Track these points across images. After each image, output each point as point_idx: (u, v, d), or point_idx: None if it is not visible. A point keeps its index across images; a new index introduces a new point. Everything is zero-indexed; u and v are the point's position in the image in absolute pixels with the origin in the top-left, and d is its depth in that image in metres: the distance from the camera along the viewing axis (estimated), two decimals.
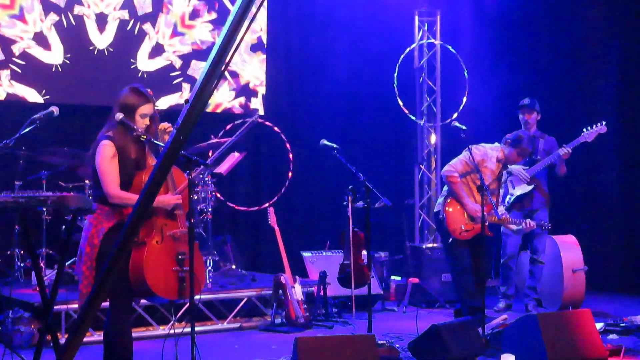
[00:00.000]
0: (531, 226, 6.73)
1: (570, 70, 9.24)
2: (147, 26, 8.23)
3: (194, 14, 8.53)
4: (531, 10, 9.37)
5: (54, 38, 7.78)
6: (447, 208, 6.53)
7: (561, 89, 9.24)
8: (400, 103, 9.24)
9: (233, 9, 2.54)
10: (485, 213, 6.01)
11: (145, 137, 4.24)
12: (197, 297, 4.28)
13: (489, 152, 6.61)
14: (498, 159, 6.64)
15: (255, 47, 8.95)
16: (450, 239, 6.49)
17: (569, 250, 7.41)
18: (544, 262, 7.37)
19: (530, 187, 7.29)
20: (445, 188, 6.72)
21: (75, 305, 5.39)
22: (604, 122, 7.22)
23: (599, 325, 5.84)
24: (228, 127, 8.41)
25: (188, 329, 4.16)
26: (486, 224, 6.09)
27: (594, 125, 7.21)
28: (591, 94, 9.13)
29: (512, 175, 7.29)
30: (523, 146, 6.66)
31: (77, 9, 7.89)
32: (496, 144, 6.80)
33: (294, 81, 9.38)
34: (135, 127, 4.22)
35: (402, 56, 9.29)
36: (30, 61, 7.68)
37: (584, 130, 7.23)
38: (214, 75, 2.57)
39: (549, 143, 7.49)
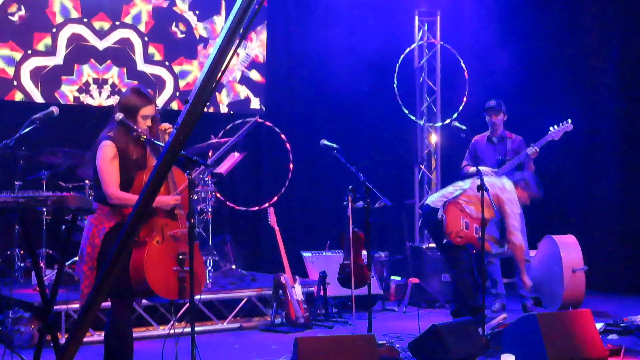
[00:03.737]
0: (509, 253, 6.72)
1: (570, 71, 9.24)
2: None
3: None
4: (531, 10, 9.38)
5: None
6: (447, 210, 6.49)
7: (561, 89, 9.24)
8: (401, 103, 9.24)
9: (233, 9, 2.54)
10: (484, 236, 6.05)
11: (145, 137, 4.24)
12: (197, 297, 4.28)
13: (511, 196, 6.54)
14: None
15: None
16: (445, 241, 6.46)
17: (569, 250, 7.40)
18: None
19: None
20: (447, 189, 6.67)
21: (76, 305, 5.42)
22: (569, 120, 7.33)
23: (599, 325, 5.83)
24: (228, 127, 8.41)
25: (188, 329, 4.16)
26: (477, 236, 6.14)
27: (561, 124, 7.32)
28: (591, 94, 9.12)
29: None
30: (533, 191, 6.67)
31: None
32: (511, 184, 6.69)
33: (294, 81, 9.38)
34: (135, 127, 4.22)
35: (402, 56, 9.29)
36: None
37: (551, 128, 7.30)
38: (214, 75, 2.57)
39: (516, 142, 7.54)
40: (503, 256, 7.15)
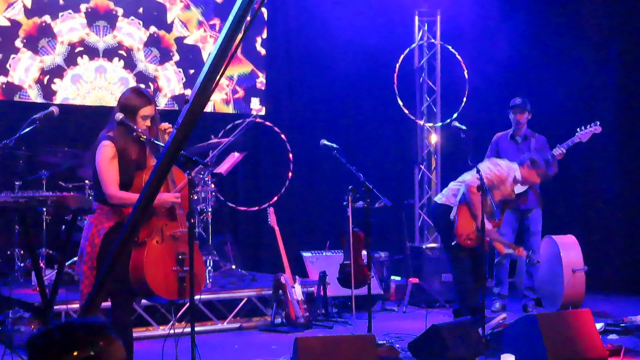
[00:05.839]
0: (521, 253, 6.65)
1: (570, 70, 9.23)
2: None
3: None
4: (532, 11, 9.37)
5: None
6: (459, 212, 6.46)
7: (561, 89, 9.23)
8: (400, 103, 9.24)
9: (233, 9, 2.54)
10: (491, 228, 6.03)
11: (145, 137, 4.24)
12: (197, 297, 4.28)
13: (505, 176, 6.50)
14: (515, 180, 6.59)
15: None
16: (454, 242, 6.46)
17: (569, 250, 7.40)
18: (540, 262, 7.37)
19: (525, 187, 7.28)
20: (450, 187, 6.66)
21: (76, 305, 5.41)
22: (597, 122, 7.23)
23: (599, 325, 5.83)
24: (228, 127, 8.41)
25: (188, 329, 4.16)
26: (487, 239, 6.10)
27: (588, 126, 7.21)
28: (591, 93, 9.12)
29: None
30: (542, 169, 6.63)
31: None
32: (514, 164, 6.67)
33: (294, 81, 9.38)
34: (135, 127, 4.23)
35: (402, 56, 9.28)
36: None
37: (578, 130, 7.23)
38: (215, 75, 2.57)
39: (540, 142, 7.50)
40: (513, 257, 7.15)
